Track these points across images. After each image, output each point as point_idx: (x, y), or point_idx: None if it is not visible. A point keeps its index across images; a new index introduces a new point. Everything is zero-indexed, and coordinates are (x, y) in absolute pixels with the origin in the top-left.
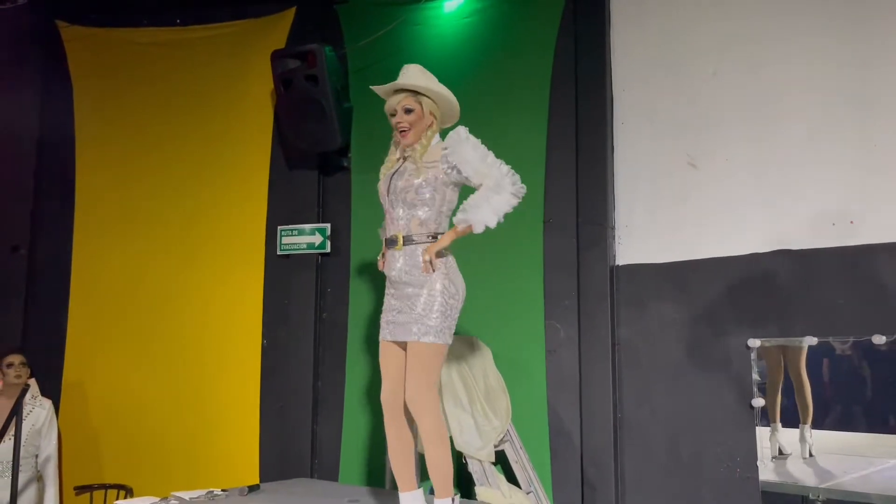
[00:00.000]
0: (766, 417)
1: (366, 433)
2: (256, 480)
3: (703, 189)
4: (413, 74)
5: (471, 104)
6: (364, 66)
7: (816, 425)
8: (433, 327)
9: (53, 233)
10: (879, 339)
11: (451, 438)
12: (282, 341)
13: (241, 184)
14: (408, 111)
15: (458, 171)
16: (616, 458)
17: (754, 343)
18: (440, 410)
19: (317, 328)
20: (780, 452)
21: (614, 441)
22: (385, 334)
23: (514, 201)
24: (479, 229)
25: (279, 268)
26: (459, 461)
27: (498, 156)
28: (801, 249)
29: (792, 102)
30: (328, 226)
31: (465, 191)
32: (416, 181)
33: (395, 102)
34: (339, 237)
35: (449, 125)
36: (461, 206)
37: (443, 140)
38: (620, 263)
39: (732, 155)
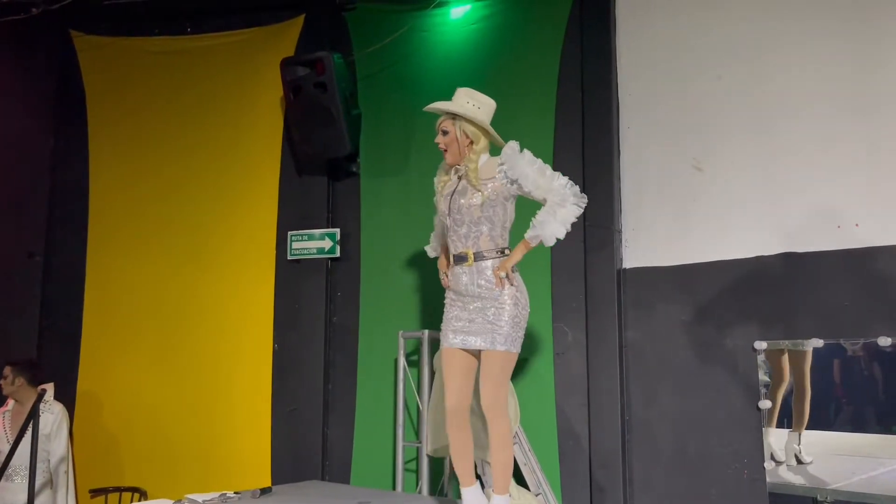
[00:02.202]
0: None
1: (377, 436)
2: (268, 483)
3: (708, 192)
4: (456, 98)
5: None
6: (372, 72)
7: (826, 426)
8: (507, 336)
9: (68, 240)
10: (885, 341)
11: None
12: (293, 345)
13: (252, 190)
14: (444, 133)
15: (520, 186)
16: (624, 459)
17: (761, 345)
18: (509, 415)
19: (327, 332)
20: (796, 458)
21: (622, 443)
22: (455, 342)
23: (578, 211)
24: (550, 242)
25: (290, 272)
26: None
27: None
28: (807, 252)
29: (797, 106)
30: (338, 230)
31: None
32: (479, 199)
33: (437, 123)
34: (349, 241)
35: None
36: (532, 222)
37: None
38: (627, 266)
39: (738, 158)
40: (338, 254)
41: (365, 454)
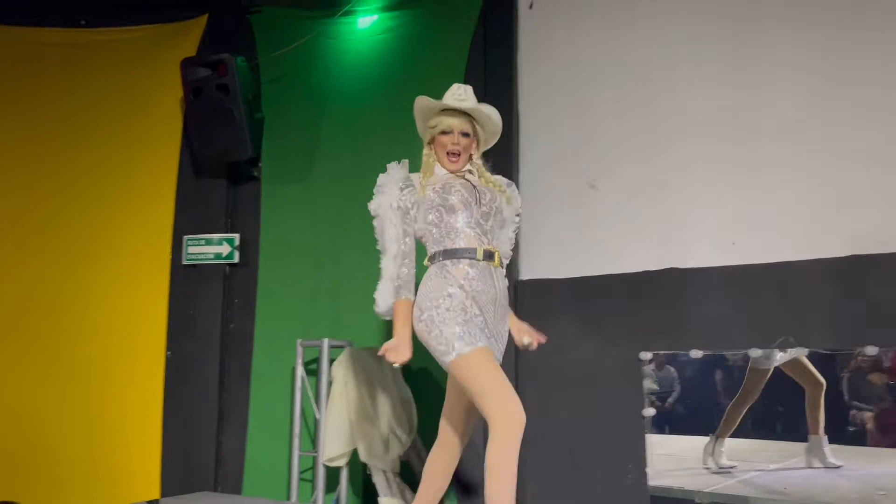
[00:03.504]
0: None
1: (272, 445)
2: (157, 495)
3: (602, 209)
4: (473, 98)
5: (382, 121)
6: (277, 76)
7: (709, 433)
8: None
9: None
10: (756, 353)
11: (356, 450)
12: (187, 352)
13: (148, 192)
14: (465, 135)
15: (509, 226)
16: (518, 468)
17: (646, 355)
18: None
19: (223, 339)
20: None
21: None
22: (491, 344)
23: None
24: None
25: (185, 278)
26: (364, 471)
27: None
28: (689, 268)
29: (685, 128)
30: (237, 236)
31: None
32: (506, 209)
33: (454, 122)
34: (248, 247)
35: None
36: None
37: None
38: (524, 278)
39: (630, 178)
40: (236, 259)
41: (258, 464)
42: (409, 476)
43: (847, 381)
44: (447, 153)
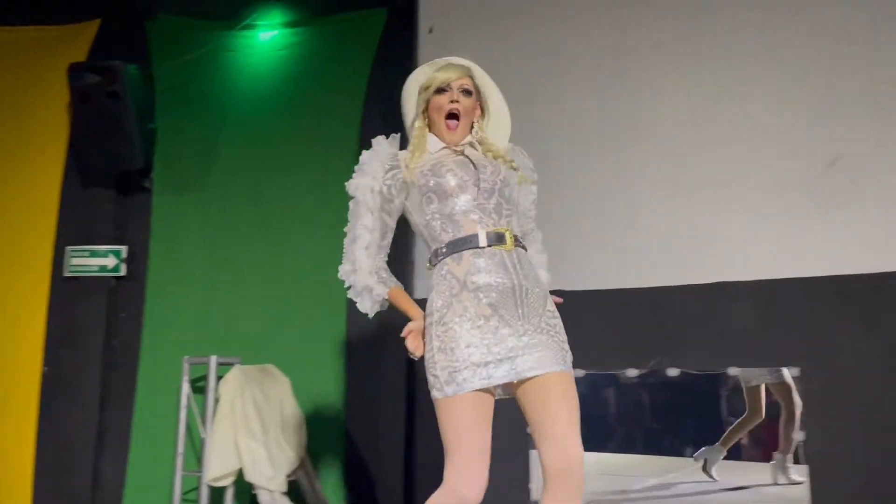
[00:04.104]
0: None
1: (155, 465)
2: None
3: None
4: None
5: (280, 135)
6: (172, 86)
7: (601, 448)
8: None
9: None
10: (633, 372)
11: (241, 469)
12: (66, 368)
13: (28, 200)
14: (466, 92)
15: (526, 197)
16: (406, 491)
17: None
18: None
19: (106, 355)
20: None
21: (405, 473)
22: (486, 378)
23: None
24: None
25: (67, 290)
26: (250, 491)
27: (310, 186)
28: (574, 290)
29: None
30: (124, 248)
31: None
32: (515, 178)
33: (450, 75)
34: (136, 260)
35: None
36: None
37: None
38: (417, 297)
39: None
40: (123, 272)
41: (140, 486)
42: (297, 496)
43: (725, 398)
44: (445, 116)
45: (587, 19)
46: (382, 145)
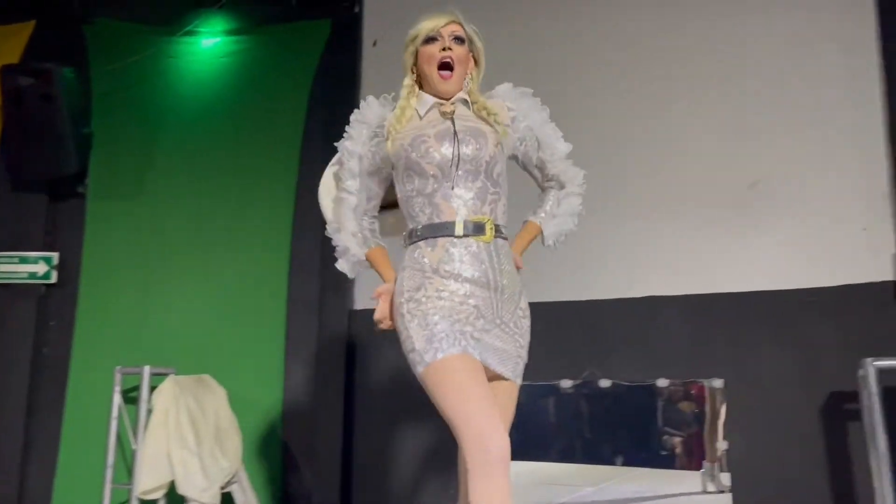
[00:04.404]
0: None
1: (84, 478)
2: None
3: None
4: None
5: (220, 141)
6: (110, 90)
7: (539, 458)
8: (525, 360)
9: None
10: (567, 383)
11: (173, 482)
12: None
13: None
14: (459, 40)
15: (527, 149)
16: (344, 498)
17: None
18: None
19: (34, 364)
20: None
21: (342, 482)
22: (476, 352)
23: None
24: (549, 241)
25: None
26: None
27: (250, 196)
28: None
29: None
30: (56, 255)
31: None
32: (494, 140)
33: (438, 22)
34: (68, 267)
35: None
36: (545, 207)
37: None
38: (357, 308)
39: None
40: (54, 279)
41: (68, 499)
42: None
43: (661, 409)
44: (438, 67)
45: (509, 37)
46: (372, 107)
